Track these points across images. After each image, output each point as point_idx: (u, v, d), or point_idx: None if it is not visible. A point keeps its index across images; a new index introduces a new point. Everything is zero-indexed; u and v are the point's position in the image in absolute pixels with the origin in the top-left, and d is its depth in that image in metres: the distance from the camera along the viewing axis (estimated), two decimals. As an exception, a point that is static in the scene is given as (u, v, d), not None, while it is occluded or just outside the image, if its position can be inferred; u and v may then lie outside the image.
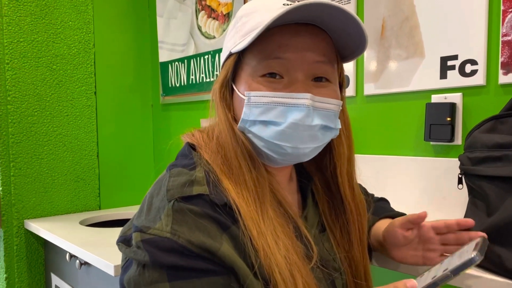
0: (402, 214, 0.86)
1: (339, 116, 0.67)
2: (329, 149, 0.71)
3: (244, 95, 0.62)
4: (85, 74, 1.86)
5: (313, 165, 0.76)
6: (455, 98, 1.05)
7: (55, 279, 1.65)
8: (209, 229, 0.56)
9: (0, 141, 1.65)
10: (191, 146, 0.67)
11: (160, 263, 0.54)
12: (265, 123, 0.61)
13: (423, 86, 1.11)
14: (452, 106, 1.04)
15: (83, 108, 1.86)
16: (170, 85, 1.98)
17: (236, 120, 0.65)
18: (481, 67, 1.00)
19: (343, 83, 0.70)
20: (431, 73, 1.09)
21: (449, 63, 1.05)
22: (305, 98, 0.60)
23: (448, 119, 1.04)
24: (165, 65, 1.99)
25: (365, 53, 1.23)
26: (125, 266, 0.60)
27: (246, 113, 0.62)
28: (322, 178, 0.76)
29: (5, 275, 1.67)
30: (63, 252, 1.49)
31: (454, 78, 1.05)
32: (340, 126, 0.67)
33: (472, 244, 0.55)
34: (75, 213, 1.82)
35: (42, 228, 1.55)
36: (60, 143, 1.80)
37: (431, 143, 1.10)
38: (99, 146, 1.92)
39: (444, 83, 1.07)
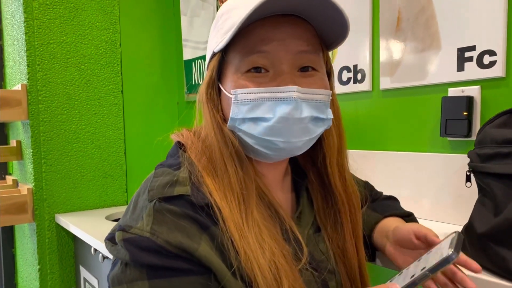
0: (409, 213, 0.83)
1: (329, 106, 0.65)
2: (319, 140, 0.70)
3: (230, 94, 0.61)
4: (112, 73, 1.92)
5: (306, 159, 0.75)
6: (473, 91, 0.99)
7: (83, 272, 1.72)
8: (188, 229, 0.56)
9: (32, 139, 1.73)
10: (180, 146, 0.68)
11: (140, 262, 0.55)
12: (255, 120, 0.60)
13: (439, 79, 1.06)
14: (469, 99, 0.99)
15: (110, 107, 1.92)
16: (193, 83, 2.00)
17: (225, 120, 0.64)
18: (500, 58, 0.94)
19: (330, 72, 0.69)
20: (448, 65, 1.04)
21: (467, 54, 1.00)
22: (291, 91, 0.58)
23: (465, 113, 0.99)
24: (189, 63, 2.02)
25: (381, 46, 1.19)
26: (114, 263, 0.61)
27: (235, 112, 0.61)
28: (315, 171, 0.74)
29: (38, 267, 1.76)
30: (89, 246, 1.55)
31: (471, 70, 0.99)
32: (332, 116, 0.65)
33: (448, 241, 0.53)
34: (103, 208, 1.88)
35: (70, 223, 1.62)
36: (89, 140, 1.86)
37: (448, 138, 1.05)
38: (126, 143, 1.97)
39: (461, 76, 1.02)
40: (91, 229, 1.52)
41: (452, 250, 0.48)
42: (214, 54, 0.64)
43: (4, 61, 2.12)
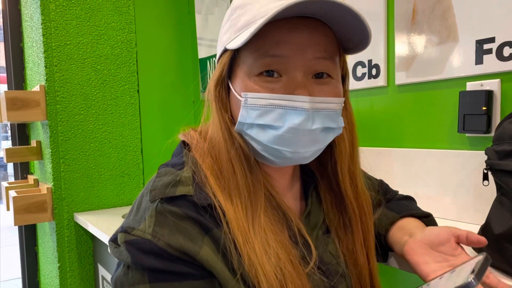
0: (428, 214, 0.80)
1: (342, 112, 0.63)
2: (330, 145, 0.67)
3: (240, 96, 0.59)
4: (128, 73, 1.93)
5: (316, 161, 0.73)
6: (492, 85, 0.95)
7: (101, 270, 1.74)
8: (190, 231, 0.55)
9: (51, 139, 1.75)
10: (185, 145, 0.67)
11: (141, 265, 0.54)
12: (263, 126, 0.58)
13: (457, 73, 1.02)
14: (488, 94, 0.95)
15: (126, 106, 1.93)
16: (208, 81, 2.00)
17: (233, 120, 0.62)
18: (521, 49, 0.90)
19: (345, 76, 0.66)
20: (466, 58, 1.00)
21: (485, 46, 0.96)
22: (304, 102, 0.56)
23: (484, 108, 0.95)
24: (204, 61, 2.01)
25: (396, 40, 1.15)
26: (118, 264, 0.61)
27: (243, 116, 0.59)
28: (325, 176, 0.72)
29: (58, 264, 1.79)
30: (106, 244, 1.56)
31: (491, 63, 0.95)
32: (343, 124, 0.62)
33: (473, 263, 0.50)
34: (120, 207, 1.90)
35: (88, 222, 1.63)
36: (106, 140, 1.88)
37: (466, 135, 1.01)
38: (142, 142, 1.98)
39: (480, 69, 0.97)
40: (109, 228, 1.53)
41: (474, 276, 0.45)
42: (225, 50, 0.62)
43: (25, 62, 2.16)
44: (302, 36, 0.57)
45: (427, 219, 0.78)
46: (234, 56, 0.61)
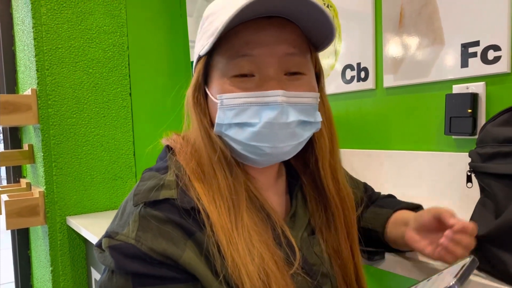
0: (418, 205, 0.82)
1: (319, 108, 0.64)
2: (311, 143, 0.69)
3: (216, 99, 0.61)
4: (120, 76, 1.93)
5: (299, 161, 0.74)
6: (478, 87, 0.97)
7: (94, 273, 1.74)
8: (173, 235, 0.56)
9: (43, 143, 1.75)
10: (169, 149, 0.68)
11: (125, 269, 0.55)
12: (241, 125, 0.60)
13: (443, 76, 1.03)
14: (474, 96, 0.96)
15: (119, 109, 1.93)
16: (201, 84, 2.00)
17: (213, 125, 0.63)
18: (504, 53, 0.91)
19: (320, 73, 0.67)
20: (452, 61, 1.01)
21: (470, 50, 0.97)
22: (276, 95, 0.57)
23: (469, 111, 0.96)
24: (196, 64, 2.02)
25: (384, 43, 1.17)
26: (104, 269, 0.61)
27: (221, 117, 0.61)
28: (308, 173, 0.73)
29: (50, 268, 1.79)
30: (98, 247, 1.56)
31: (476, 66, 0.97)
32: (320, 119, 0.64)
33: (460, 265, 0.51)
34: (113, 210, 1.90)
35: (80, 225, 1.63)
36: (98, 143, 1.88)
37: (453, 137, 1.02)
38: (135, 145, 1.98)
39: (465, 72, 0.99)
40: (101, 231, 1.53)
41: (456, 280, 0.46)
42: (200, 57, 0.64)
43: (16, 66, 2.16)
44: (269, 34, 0.59)
45: (418, 210, 0.81)
46: (208, 62, 0.63)
